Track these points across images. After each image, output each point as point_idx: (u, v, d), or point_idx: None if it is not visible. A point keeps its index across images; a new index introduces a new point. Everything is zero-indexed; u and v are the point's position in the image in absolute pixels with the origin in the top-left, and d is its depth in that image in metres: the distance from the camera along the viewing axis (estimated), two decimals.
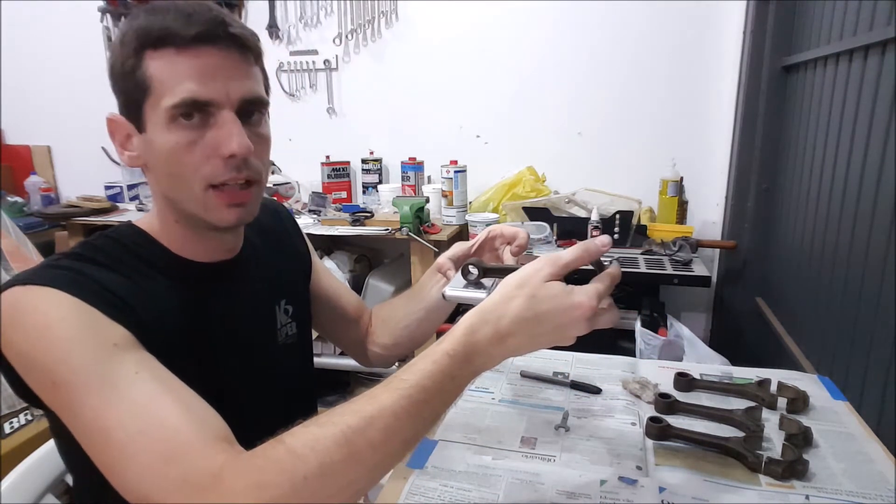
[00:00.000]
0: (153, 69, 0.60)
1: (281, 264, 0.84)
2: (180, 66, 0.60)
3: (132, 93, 0.62)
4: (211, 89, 0.61)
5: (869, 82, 1.16)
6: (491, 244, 0.82)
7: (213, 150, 0.62)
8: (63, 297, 0.56)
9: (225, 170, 0.63)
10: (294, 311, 0.84)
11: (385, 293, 2.16)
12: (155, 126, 0.62)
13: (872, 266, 1.10)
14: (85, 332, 0.55)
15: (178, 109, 0.60)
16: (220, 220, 0.65)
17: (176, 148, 0.61)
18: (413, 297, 0.91)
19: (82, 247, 0.65)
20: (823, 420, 0.83)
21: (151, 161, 0.65)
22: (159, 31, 0.60)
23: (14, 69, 2.73)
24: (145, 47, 0.60)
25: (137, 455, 0.51)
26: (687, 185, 2.13)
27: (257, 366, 0.76)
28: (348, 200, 2.38)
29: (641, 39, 2.09)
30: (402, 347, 0.95)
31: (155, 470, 0.50)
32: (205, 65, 0.60)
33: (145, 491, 0.50)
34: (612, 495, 0.68)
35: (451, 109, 2.33)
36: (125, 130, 0.65)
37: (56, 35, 2.66)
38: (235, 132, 0.61)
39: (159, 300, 0.64)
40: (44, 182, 2.70)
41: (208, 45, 0.60)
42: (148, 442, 0.51)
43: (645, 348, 1.61)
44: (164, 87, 0.60)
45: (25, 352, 0.55)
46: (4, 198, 2.55)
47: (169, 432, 0.51)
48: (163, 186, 0.66)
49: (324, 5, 2.37)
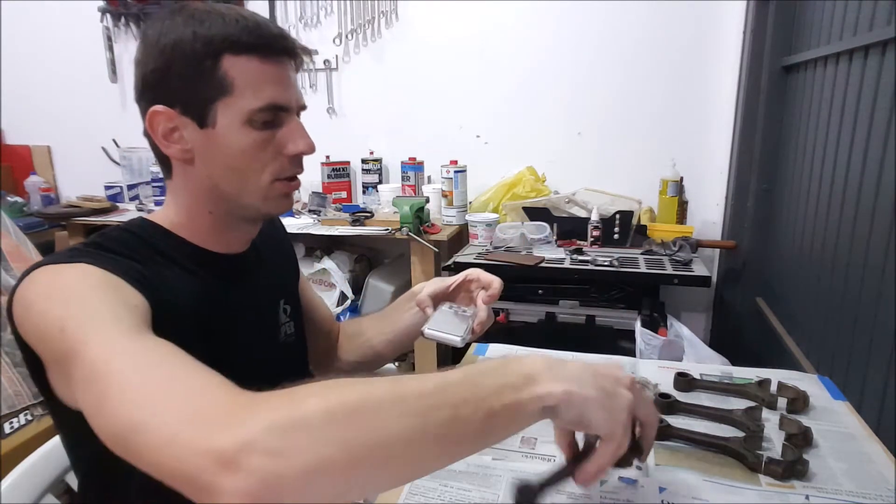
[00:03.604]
0: (235, 72, 0.65)
1: (279, 265, 0.87)
2: (265, 73, 0.67)
3: (204, 90, 0.65)
4: (286, 96, 0.69)
5: (869, 82, 1.16)
6: (467, 286, 0.89)
7: (281, 148, 0.70)
8: (89, 266, 0.58)
9: (290, 165, 0.72)
10: (291, 311, 0.86)
11: (385, 293, 2.16)
12: (229, 124, 0.66)
13: (872, 266, 1.10)
14: (105, 288, 0.56)
15: (262, 112, 0.67)
16: (277, 208, 0.73)
17: (252, 145, 0.67)
18: (384, 318, 0.97)
19: (100, 237, 0.67)
20: (823, 420, 0.83)
21: (210, 154, 0.68)
22: (249, 39, 0.65)
23: (14, 69, 2.73)
24: (224, 51, 0.65)
25: (141, 387, 0.45)
26: (687, 185, 2.13)
27: (259, 360, 0.77)
28: (348, 200, 2.38)
29: (641, 39, 2.09)
30: (367, 365, 1.00)
31: (157, 401, 0.43)
32: (281, 75, 0.68)
33: (138, 420, 0.43)
34: (612, 495, 0.68)
35: (451, 109, 2.33)
36: (173, 123, 0.67)
37: (56, 35, 2.66)
38: (304, 134, 0.71)
39: (175, 286, 0.66)
40: (44, 182, 2.70)
41: (283, 57, 0.69)
42: (154, 378, 0.46)
43: (645, 348, 1.61)
44: (247, 90, 0.66)
45: (40, 310, 0.54)
46: (4, 198, 2.55)
47: (179, 371, 0.46)
48: (218, 179, 0.69)
49: (324, 5, 2.37)
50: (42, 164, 2.83)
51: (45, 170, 2.82)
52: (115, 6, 2.52)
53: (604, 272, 1.77)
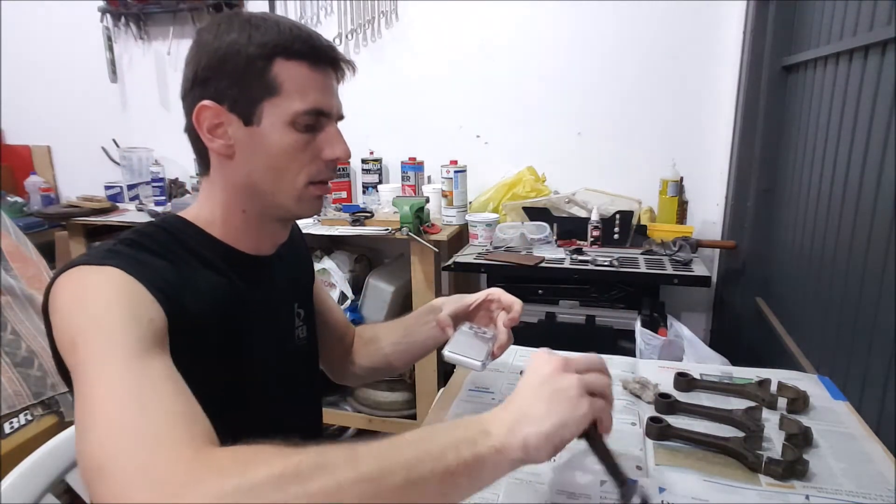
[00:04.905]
0: (284, 76, 0.68)
1: (295, 268, 0.88)
2: (312, 79, 0.70)
3: (253, 90, 0.68)
4: (329, 103, 0.72)
5: (869, 82, 1.16)
6: (487, 305, 0.89)
7: (319, 152, 0.72)
8: (117, 272, 0.60)
9: (326, 169, 0.74)
10: (305, 314, 0.87)
11: (385, 293, 2.16)
12: (273, 123, 0.69)
13: (872, 266, 1.10)
14: (124, 303, 0.57)
15: (306, 115, 0.69)
16: (309, 210, 0.75)
17: (293, 145, 0.70)
18: (400, 328, 0.97)
19: (135, 234, 0.68)
20: (823, 420, 0.83)
21: (252, 151, 0.70)
22: (301, 47, 0.69)
23: (14, 69, 2.73)
24: (277, 55, 0.68)
25: (110, 419, 0.48)
26: (687, 185, 2.13)
27: (272, 363, 0.78)
28: (348, 200, 2.38)
29: (641, 39, 2.09)
30: (380, 372, 1.01)
31: (122, 446, 0.46)
32: (326, 83, 0.72)
33: (101, 463, 0.46)
34: (612, 495, 0.68)
35: (451, 109, 2.32)
36: (219, 119, 0.69)
37: (56, 35, 2.66)
38: (342, 140, 0.73)
39: (201, 287, 0.68)
40: (44, 182, 2.70)
41: (329, 67, 0.72)
42: (129, 416, 0.48)
43: (645, 348, 1.61)
44: (294, 94, 0.69)
45: (65, 315, 0.57)
46: (4, 198, 2.55)
47: (156, 410, 0.49)
48: (256, 177, 0.71)
49: (324, 5, 2.37)
50: (42, 164, 2.83)
51: (45, 170, 2.82)
52: (115, 6, 2.52)
53: (604, 272, 1.77)
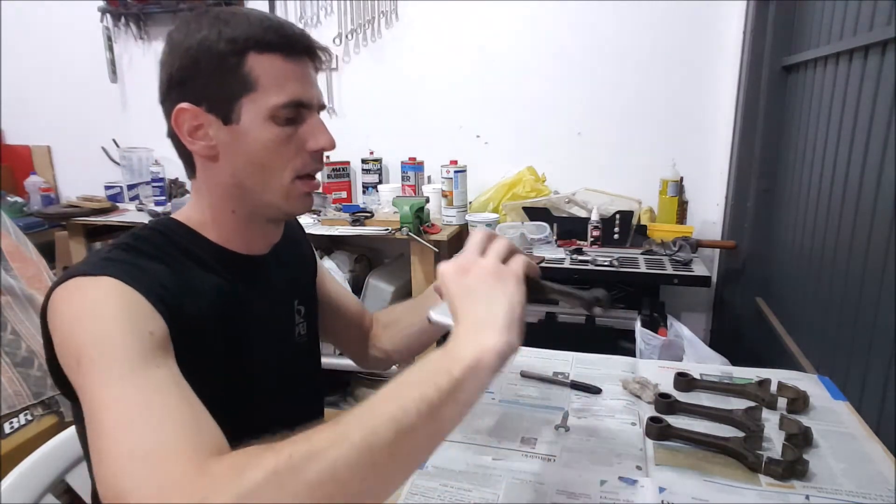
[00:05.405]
0: (259, 70, 0.67)
1: (295, 265, 0.88)
2: (288, 71, 0.68)
3: (229, 87, 0.67)
4: (309, 93, 0.70)
5: (869, 82, 1.16)
6: None
7: (303, 144, 0.70)
8: (114, 283, 0.59)
9: (312, 161, 0.72)
10: (305, 311, 0.87)
11: (385, 293, 2.16)
12: (252, 120, 0.68)
13: (872, 266, 1.10)
14: (125, 316, 0.57)
15: (285, 108, 0.68)
16: (298, 207, 0.73)
17: (275, 140, 0.68)
18: (415, 308, 0.96)
19: (131, 237, 0.68)
20: (823, 420, 0.83)
21: (234, 151, 0.69)
22: (273, 39, 0.67)
23: (14, 69, 2.73)
24: (249, 49, 0.66)
25: (120, 444, 0.49)
26: (687, 185, 2.13)
27: (273, 361, 0.78)
28: (348, 200, 2.38)
29: (641, 40, 2.09)
30: (401, 354, 1.00)
31: (132, 464, 0.48)
32: (303, 72, 0.70)
33: (119, 486, 0.47)
34: (612, 495, 0.68)
35: (451, 109, 2.32)
36: (198, 121, 0.68)
37: (56, 35, 2.66)
38: (325, 130, 0.72)
39: (199, 289, 0.68)
40: (44, 182, 2.70)
41: (305, 56, 0.70)
42: (135, 435, 0.49)
43: (645, 348, 1.61)
44: (271, 87, 0.67)
45: (66, 331, 0.57)
46: (4, 198, 2.55)
47: (164, 421, 0.50)
48: (241, 176, 0.70)
49: (324, 5, 2.37)
50: (42, 164, 2.83)
51: (45, 170, 2.82)
52: (115, 6, 2.52)
53: (604, 272, 1.77)
